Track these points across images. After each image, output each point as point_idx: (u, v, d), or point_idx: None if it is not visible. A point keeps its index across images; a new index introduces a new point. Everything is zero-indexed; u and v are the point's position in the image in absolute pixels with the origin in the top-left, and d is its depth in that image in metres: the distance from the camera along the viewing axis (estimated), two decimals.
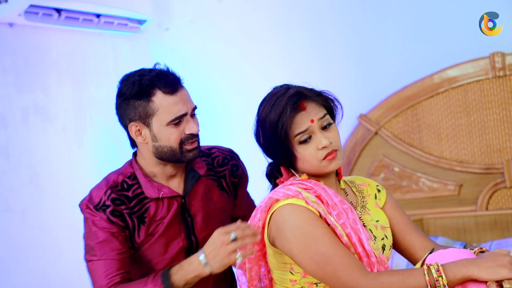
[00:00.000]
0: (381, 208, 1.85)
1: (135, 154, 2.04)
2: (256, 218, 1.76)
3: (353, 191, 1.85)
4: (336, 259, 1.63)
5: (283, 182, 1.78)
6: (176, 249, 1.99)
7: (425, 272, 1.56)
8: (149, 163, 1.99)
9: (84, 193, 2.04)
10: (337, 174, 1.83)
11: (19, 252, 2.98)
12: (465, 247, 3.23)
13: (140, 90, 1.90)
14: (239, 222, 1.76)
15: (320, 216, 1.69)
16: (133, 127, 1.94)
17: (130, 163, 2.03)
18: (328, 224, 1.69)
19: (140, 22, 3.67)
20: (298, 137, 1.71)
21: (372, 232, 1.76)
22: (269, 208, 1.74)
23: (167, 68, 1.97)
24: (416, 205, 3.41)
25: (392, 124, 3.49)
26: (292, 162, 1.74)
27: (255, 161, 2.10)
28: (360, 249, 1.67)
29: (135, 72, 1.97)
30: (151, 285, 1.85)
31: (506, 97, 3.31)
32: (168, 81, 1.91)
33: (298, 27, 3.71)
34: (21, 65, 3.10)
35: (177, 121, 1.91)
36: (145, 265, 2.00)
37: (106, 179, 2.00)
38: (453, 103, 3.39)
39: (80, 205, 1.98)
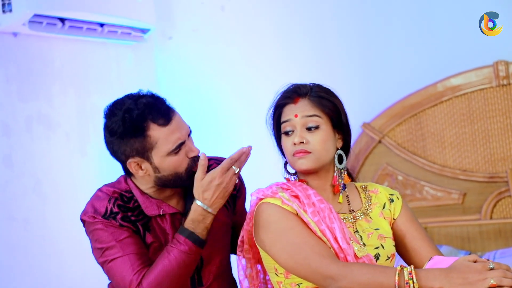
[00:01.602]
0: (394, 219, 1.83)
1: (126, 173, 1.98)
2: (248, 219, 1.82)
3: (360, 197, 1.85)
4: (307, 247, 1.65)
5: (288, 179, 1.84)
6: None
7: (397, 273, 1.55)
8: (147, 188, 1.93)
9: (87, 201, 2.02)
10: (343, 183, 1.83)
11: (22, 260, 2.98)
12: None
13: (133, 127, 1.82)
14: (235, 154, 1.88)
15: (297, 214, 1.72)
16: (132, 163, 1.87)
17: (124, 178, 1.97)
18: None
19: (144, 31, 3.68)
20: (282, 125, 1.79)
21: (361, 239, 1.75)
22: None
23: (152, 94, 1.89)
24: (420, 213, 3.39)
25: (395, 133, 3.49)
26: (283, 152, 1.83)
27: (256, 166, 2.10)
28: (335, 246, 1.67)
29: (119, 104, 1.86)
30: (176, 249, 1.83)
31: (510, 105, 3.30)
32: (159, 112, 1.84)
33: (301, 35, 3.72)
34: (25, 74, 3.11)
35: (178, 150, 1.86)
36: None
37: (102, 191, 1.94)
38: (456, 111, 3.39)
39: (85, 218, 1.91)
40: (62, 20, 3.21)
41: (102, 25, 3.41)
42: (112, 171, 3.39)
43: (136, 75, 3.67)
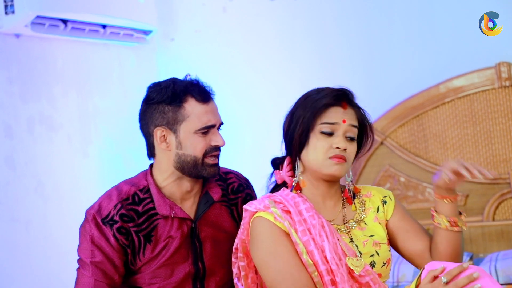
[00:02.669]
0: (387, 221, 1.83)
1: (151, 166, 1.99)
2: (241, 228, 1.80)
3: (354, 203, 1.84)
4: (289, 281, 1.67)
5: (278, 175, 1.82)
6: (182, 274, 1.95)
7: None
8: (165, 177, 1.94)
9: (89, 202, 2.02)
10: (346, 190, 1.83)
11: (24, 262, 2.98)
12: (471, 258, 3.21)
13: (173, 95, 1.88)
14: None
15: (288, 234, 1.71)
16: (158, 131, 1.90)
17: (145, 174, 1.98)
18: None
19: (146, 32, 3.68)
20: (322, 125, 1.74)
21: (357, 248, 1.74)
22: (250, 219, 1.78)
23: (199, 80, 1.96)
24: (422, 215, 3.38)
25: (397, 134, 3.49)
26: (302, 148, 1.76)
27: (258, 168, 2.09)
28: (323, 268, 1.67)
29: (167, 79, 1.95)
30: None
31: None
32: (201, 90, 1.91)
33: (303, 37, 3.72)
34: (27, 75, 3.11)
35: (205, 130, 1.89)
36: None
37: (118, 189, 1.95)
38: (459, 113, 3.39)
39: (87, 213, 1.94)
40: (64, 21, 3.22)
41: (104, 26, 3.42)
42: (114, 172, 3.40)
43: (138, 77, 3.67)
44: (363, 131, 1.81)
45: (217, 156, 1.94)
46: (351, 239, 1.76)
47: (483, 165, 3.35)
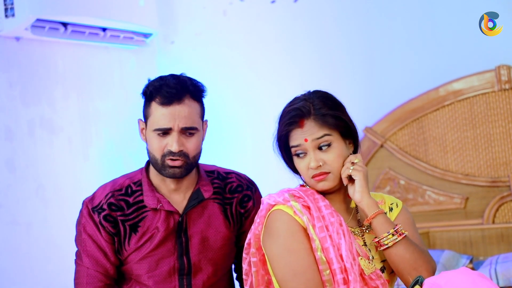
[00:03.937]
0: None
1: (148, 162, 2.04)
2: (256, 223, 1.80)
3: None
4: (301, 279, 1.67)
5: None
6: (166, 267, 1.97)
7: None
8: (152, 171, 2.01)
9: None
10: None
11: (24, 264, 2.98)
12: (471, 261, 3.21)
13: (145, 92, 1.97)
14: None
15: (306, 229, 1.71)
16: (141, 123, 2.00)
17: (141, 169, 2.05)
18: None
19: (146, 35, 3.69)
20: (293, 149, 1.75)
21: (370, 252, 1.74)
22: (267, 212, 1.78)
23: (184, 79, 1.97)
24: (422, 218, 3.39)
25: (397, 137, 3.49)
26: (296, 171, 1.79)
27: (260, 170, 2.09)
28: (337, 266, 1.66)
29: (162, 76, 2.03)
30: None
31: None
32: (166, 93, 1.92)
33: (303, 39, 3.72)
34: (28, 78, 3.12)
35: (160, 132, 1.92)
36: (135, 279, 2.00)
37: (114, 181, 2.04)
38: (458, 116, 3.39)
39: (83, 202, 2.02)
40: (65, 24, 3.22)
41: (104, 29, 3.42)
42: (114, 175, 3.39)
43: (138, 79, 3.67)
44: (342, 128, 1.74)
45: (177, 161, 1.93)
46: (365, 242, 1.76)
47: (483, 168, 3.35)
